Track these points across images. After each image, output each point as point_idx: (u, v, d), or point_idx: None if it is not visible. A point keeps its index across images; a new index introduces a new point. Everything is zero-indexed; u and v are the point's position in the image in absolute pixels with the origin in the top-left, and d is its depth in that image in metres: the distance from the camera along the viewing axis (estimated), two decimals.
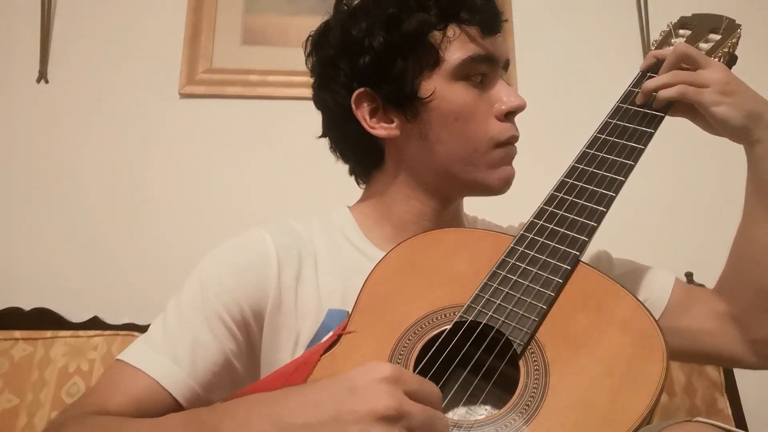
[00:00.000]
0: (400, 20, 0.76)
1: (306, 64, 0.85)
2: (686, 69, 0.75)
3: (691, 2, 1.03)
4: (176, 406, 0.69)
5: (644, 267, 0.88)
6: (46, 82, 1.55)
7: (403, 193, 0.82)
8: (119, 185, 1.51)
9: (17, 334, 1.29)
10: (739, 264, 0.80)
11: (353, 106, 0.78)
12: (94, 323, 1.36)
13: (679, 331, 0.80)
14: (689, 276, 1.43)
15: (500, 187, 0.79)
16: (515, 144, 0.80)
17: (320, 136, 0.86)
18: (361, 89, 0.78)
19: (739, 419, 1.29)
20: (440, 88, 0.76)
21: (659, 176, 1.48)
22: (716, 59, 0.78)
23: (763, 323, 0.78)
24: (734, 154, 0.78)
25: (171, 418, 0.61)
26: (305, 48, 0.84)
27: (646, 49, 1.66)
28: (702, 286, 1.39)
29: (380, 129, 0.79)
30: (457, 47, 0.76)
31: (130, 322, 1.36)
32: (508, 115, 0.78)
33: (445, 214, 0.83)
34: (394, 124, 0.79)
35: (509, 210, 0.89)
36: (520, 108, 0.78)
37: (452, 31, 0.76)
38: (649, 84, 0.75)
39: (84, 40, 1.59)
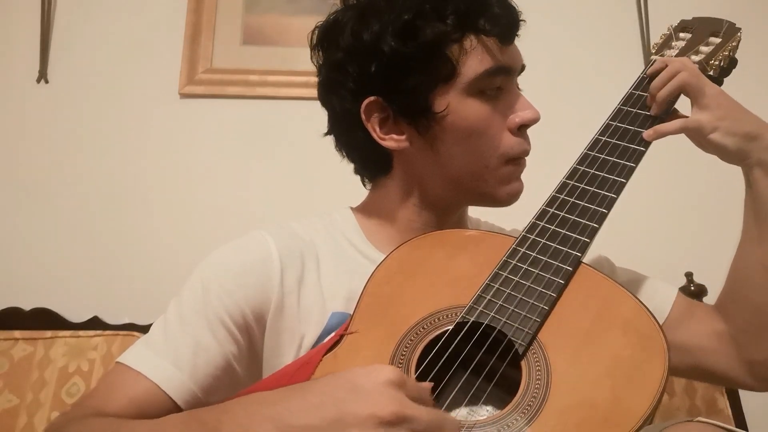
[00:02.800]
0: (415, 29, 0.72)
1: (311, 59, 0.82)
2: None
3: (691, 5, 1.03)
4: (176, 410, 0.68)
5: (647, 278, 0.87)
6: (46, 82, 1.55)
7: (410, 202, 0.81)
8: (119, 185, 1.51)
9: (17, 334, 1.29)
10: (736, 283, 0.79)
11: (363, 115, 0.76)
12: (94, 323, 1.36)
13: (677, 346, 0.78)
14: (689, 276, 1.43)
15: (508, 200, 0.79)
16: (525, 158, 0.79)
17: (326, 134, 0.84)
18: (372, 98, 0.75)
19: (739, 419, 1.30)
20: (454, 103, 0.74)
21: (659, 176, 1.48)
22: (716, 62, 0.78)
23: (760, 344, 0.77)
24: None
25: (170, 418, 0.61)
26: (310, 41, 0.81)
27: (646, 51, 1.66)
28: (702, 286, 1.40)
29: (390, 141, 0.77)
30: (473, 60, 0.73)
31: (130, 322, 1.36)
32: (521, 128, 0.77)
33: (450, 220, 0.83)
34: (404, 136, 0.77)
35: (510, 211, 0.89)
36: (534, 121, 0.77)
37: (469, 42, 0.73)
38: (662, 94, 0.74)
39: (84, 40, 1.58)
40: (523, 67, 0.80)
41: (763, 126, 0.73)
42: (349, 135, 0.81)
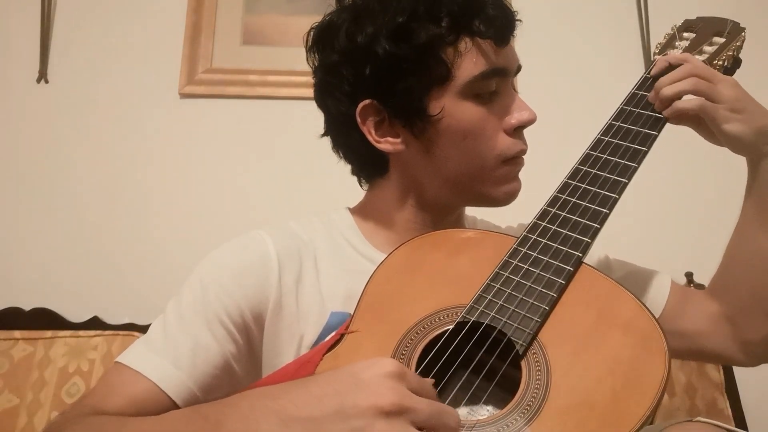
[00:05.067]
0: (409, 31, 0.72)
1: (306, 60, 0.81)
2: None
3: (691, 5, 1.03)
4: (175, 409, 0.68)
5: (641, 269, 0.89)
6: (46, 82, 1.55)
7: (407, 203, 0.81)
8: (119, 185, 1.51)
9: (17, 334, 1.29)
10: (734, 267, 0.81)
11: (358, 119, 0.76)
12: (94, 323, 1.36)
13: (676, 333, 0.81)
14: (689, 276, 1.43)
15: (506, 200, 0.79)
16: (523, 156, 0.78)
17: (323, 135, 0.84)
18: (367, 101, 0.75)
19: (739, 419, 1.30)
20: (449, 106, 0.73)
21: (660, 176, 1.48)
22: (720, 62, 0.78)
23: (755, 324, 0.79)
24: (734, 154, 0.78)
25: (173, 414, 0.61)
26: (306, 42, 0.81)
27: (646, 51, 1.66)
28: (702, 286, 1.40)
29: (386, 143, 0.77)
30: (468, 63, 0.72)
31: (130, 322, 1.37)
32: (518, 129, 0.77)
33: (448, 220, 0.83)
34: (399, 139, 0.76)
35: (510, 211, 0.89)
36: (530, 122, 0.76)
37: (464, 44, 0.72)
38: (667, 91, 0.73)
39: (84, 40, 1.59)
40: (519, 68, 0.80)
41: None
42: (345, 137, 0.81)
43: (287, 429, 0.49)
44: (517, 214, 0.89)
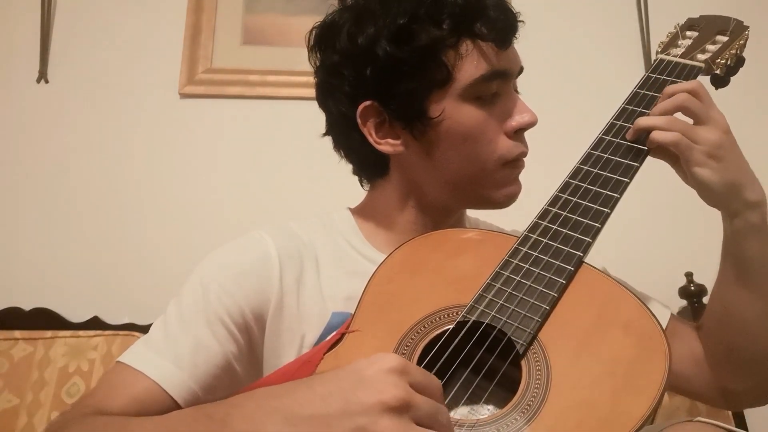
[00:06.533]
0: (410, 33, 0.72)
1: (309, 59, 0.81)
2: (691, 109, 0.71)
3: (691, 4, 1.03)
4: (176, 408, 0.68)
5: (643, 295, 0.87)
6: (46, 82, 1.55)
7: (407, 204, 0.81)
8: (119, 185, 1.51)
9: (17, 334, 1.29)
10: (713, 321, 0.79)
11: (359, 120, 0.76)
12: (94, 323, 1.36)
13: None
14: (689, 276, 1.43)
15: (506, 202, 0.79)
16: (523, 159, 0.78)
17: (324, 135, 0.84)
18: (368, 102, 0.75)
19: (739, 419, 1.30)
20: (449, 109, 0.73)
21: (660, 176, 1.48)
22: (723, 61, 0.78)
23: (733, 377, 0.77)
24: None
25: (177, 414, 0.61)
26: (307, 42, 0.81)
27: (646, 50, 1.66)
28: (702, 286, 1.40)
29: (386, 145, 0.77)
30: (469, 65, 0.73)
31: (130, 322, 1.37)
32: (518, 132, 0.77)
33: (448, 222, 0.83)
34: (399, 141, 0.76)
35: (510, 211, 0.89)
36: (531, 125, 0.76)
37: (465, 47, 0.73)
38: (642, 122, 0.71)
39: (84, 40, 1.59)
40: (521, 70, 0.79)
41: (750, 177, 0.71)
42: (345, 137, 0.81)
43: (293, 428, 0.49)
44: (518, 215, 0.89)
